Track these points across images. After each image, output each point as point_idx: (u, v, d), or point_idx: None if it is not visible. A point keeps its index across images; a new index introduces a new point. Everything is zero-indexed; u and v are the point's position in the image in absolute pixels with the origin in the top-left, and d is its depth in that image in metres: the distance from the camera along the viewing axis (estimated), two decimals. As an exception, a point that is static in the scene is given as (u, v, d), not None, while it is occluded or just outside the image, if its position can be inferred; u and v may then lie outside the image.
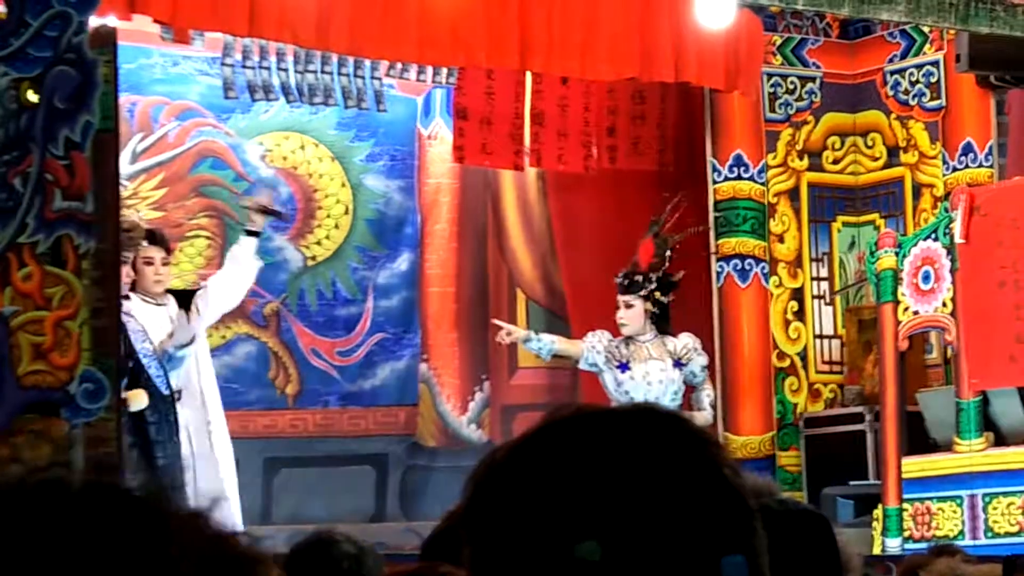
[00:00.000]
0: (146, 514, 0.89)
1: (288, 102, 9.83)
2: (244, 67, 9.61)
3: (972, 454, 8.46)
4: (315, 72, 9.67)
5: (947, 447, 8.65)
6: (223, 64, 9.63)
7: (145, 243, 7.88)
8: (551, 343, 8.64)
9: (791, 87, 10.35)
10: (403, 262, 10.54)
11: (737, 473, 1.19)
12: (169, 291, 8.06)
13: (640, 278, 8.66)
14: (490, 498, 1.16)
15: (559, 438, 1.16)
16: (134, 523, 0.88)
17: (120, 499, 0.89)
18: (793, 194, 10.31)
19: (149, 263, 7.91)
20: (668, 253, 8.73)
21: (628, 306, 8.60)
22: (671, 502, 1.13)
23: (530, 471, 1.15)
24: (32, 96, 5.79)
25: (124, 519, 0.88)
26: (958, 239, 8.55)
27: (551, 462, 1.14)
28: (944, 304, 8.67)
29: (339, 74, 9.80)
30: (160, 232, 8.28)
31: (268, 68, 9.58)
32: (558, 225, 10.39)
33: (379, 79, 10.00)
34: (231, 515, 7.41)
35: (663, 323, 8.64)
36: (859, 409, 9.65)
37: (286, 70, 9.62)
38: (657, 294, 8.61)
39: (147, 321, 7.79)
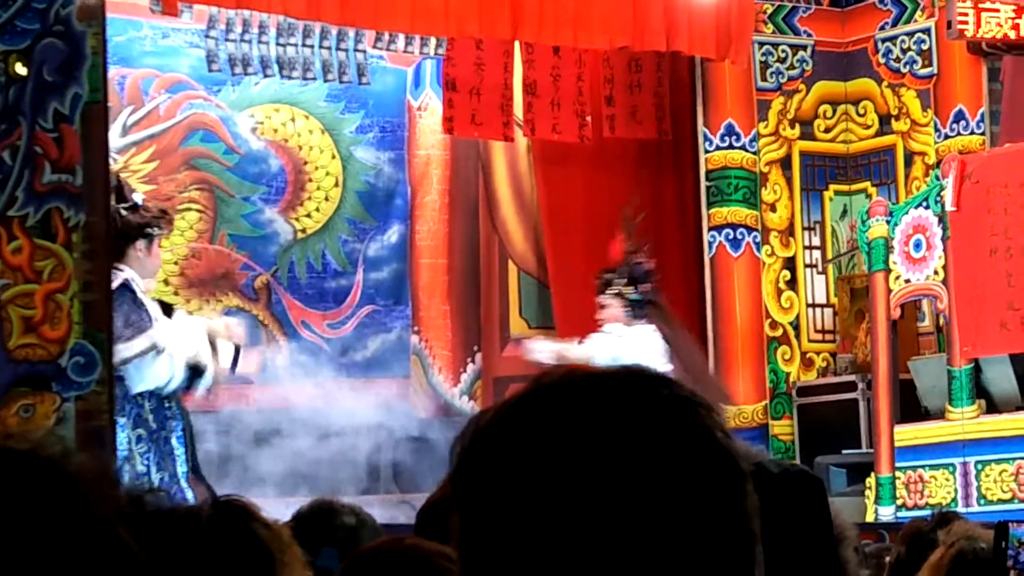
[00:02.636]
0: (54, 475, 0.91)
1: (266, 76, 9.79)
2: (227, 40, 9.58)
3: (964, 422, 8.47)
4: (296, 45, 9.64)
5: (939, 415, 8.67)
6: (207, 37, 9.59)
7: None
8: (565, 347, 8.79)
9: (782, 55, 10.33)
10: (393, 234, 10.52)
11: (728, 436, 1.18)
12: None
13: (610, 276, 8.76)
14: (477, 463, 1.15)
15: (548, 402, 1.15)
16: (44, 484, 0.90)
17: (28, 463, 0.91)
18: (785, 163, 10.30)
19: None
20: (635, 249, 8.84)
21: (602, 307, 8.75)
22: (661, 465, 1.12)
23: (518, 435, 1.14)
24: (20, 68, 5.77)
25: (33, 481, 0.90)
26: (949, 207, 8.55)
27: (540, 426, 1.14)
28: (936, 272, 8.67)
29: (321, 47, 9.77)
30: None
31: (250, 41, 9.55)
32: (544, 197, 10.39)
33: (363, 51, 9.96)
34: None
35: (643, 314, 8.74)
36: (852, 378, 9.66)
37: (268, 43, 9.59)
38: (628, 289, 8.70)
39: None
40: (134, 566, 0.90)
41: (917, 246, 8.73)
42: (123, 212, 7.63)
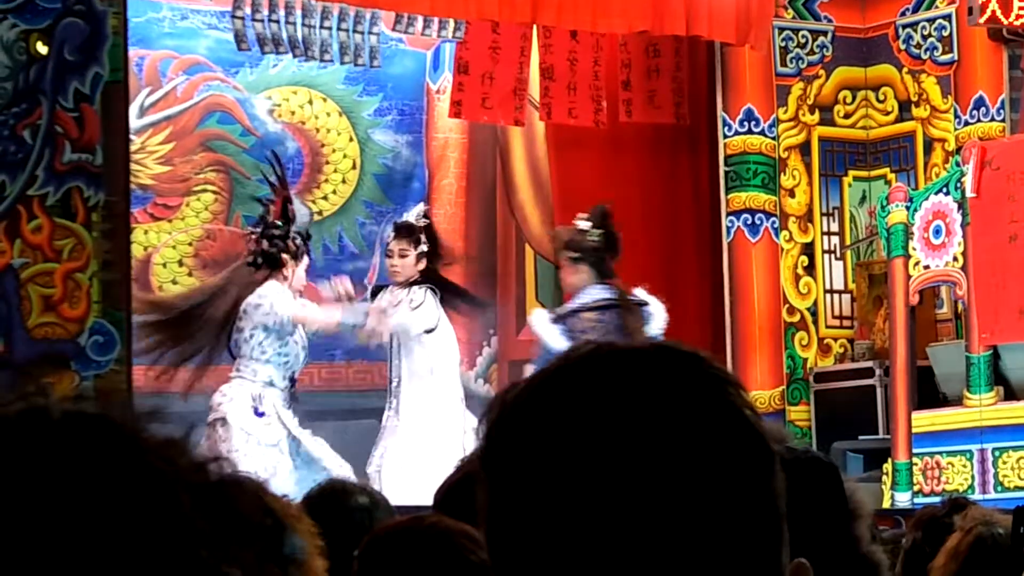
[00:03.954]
0: (125, 441, 0.91)
1: (295, 56, 9.77)
2: (254, 20, 9.57)
3: (982, 408, 8.46)
4: (313, 27, 9.62)
5: (957, 401, 8.65)
6: (234, 16, 9.59)
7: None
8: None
9: (802, 41, 10.30)
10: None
11: (757, 414, 1.18)
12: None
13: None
14: (504, 438, 1.15)
15: (576, 377, 1.14)
16: (114, 449, 0.90)
17: (100, 426, 0.90)
18: (804, 148, 10.28)
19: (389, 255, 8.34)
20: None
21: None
22: (689, 443, 1.11)
23: (546, 411, 1.13)
24: (41, 48, 5.77)
25: (104, 446, 0.90)
26: (969, 193, 8.53)
27: (567, 401, 1.13)
28: (955, 258, 8.65)
29: (339, 29, 9.75)
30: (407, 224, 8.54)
31: (278, 22, 9.53)
32: (556, 182, 10.38)
33: (377, 34, 9.94)
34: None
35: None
36: (869, 364, 9.64)
37: (295, 24, 9.57)
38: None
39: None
40: (194, 537, 0.90)
41: (937, 232, 8.71)
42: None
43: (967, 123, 9.79)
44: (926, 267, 8.79)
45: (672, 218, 10.37)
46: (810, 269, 10.21)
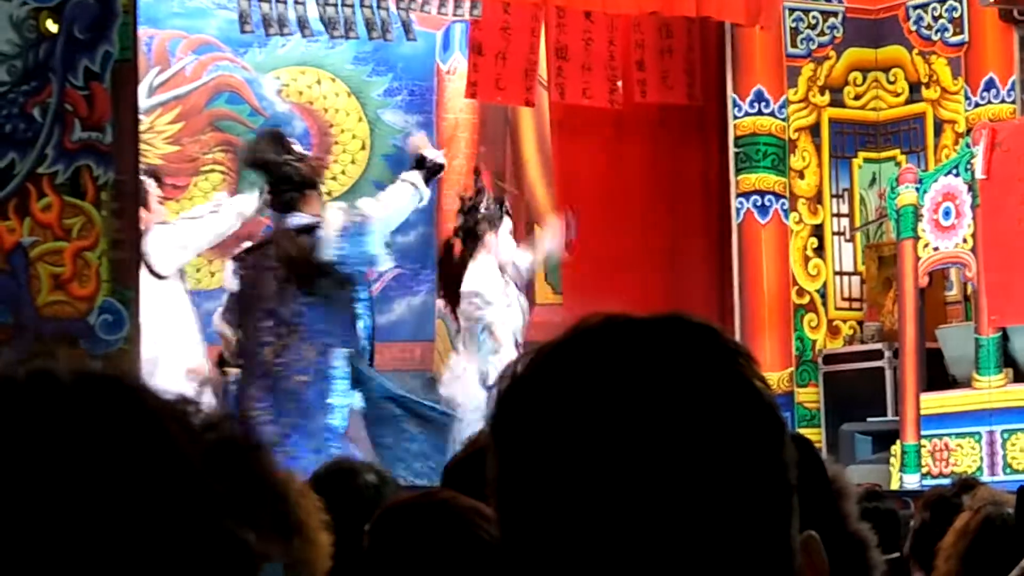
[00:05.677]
0: (138, 402, 0.89)
1: (304, 36, 9.76)
2: (261, 0, 9.55)
3: (991, 390, 8.46)
4: (336, 5, 9.59)
5: (966, 383, 8.65)
6: (240, -3, 9.58)
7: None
8: None
9: (813, 22, 10.28)
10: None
11: (767, 386, 1.17)
12: None
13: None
14: (516, 407, 1.14)
15: (586, 347, 1.14)
16: (127, 411, 0.89)
17: (111, 388, 0.89)
18: (814, 130, 10.26)
19: None
20: None
21: None
22: (700, 412, 1.11)
23: (556, 380, 1.13)
24: (51, 25, 5.78)
25: (117, 407, 0.88)
26: (979, 175, 8.52)
27: (578, 371, 1.13)
28: (964, 240, 8.64)
29: (362, 6, 9.72)
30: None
31: (285, 2, 9.51)
32: (559, 164, 10.36)
33: (404, 9, 9.92)
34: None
35: None
36: (878, 346, 9.64)
37: (303, 3, 9.55)
38: None
39: None
40: (206, 499, 0.89)
41: (946, 214, 8.70)
42: (297, 164, 7.92)
43: (977, 104, 9.77)
44: (935, 249, 8.79)
45: (681, 199, 10.36)
46: (819, 251, 10.20)
